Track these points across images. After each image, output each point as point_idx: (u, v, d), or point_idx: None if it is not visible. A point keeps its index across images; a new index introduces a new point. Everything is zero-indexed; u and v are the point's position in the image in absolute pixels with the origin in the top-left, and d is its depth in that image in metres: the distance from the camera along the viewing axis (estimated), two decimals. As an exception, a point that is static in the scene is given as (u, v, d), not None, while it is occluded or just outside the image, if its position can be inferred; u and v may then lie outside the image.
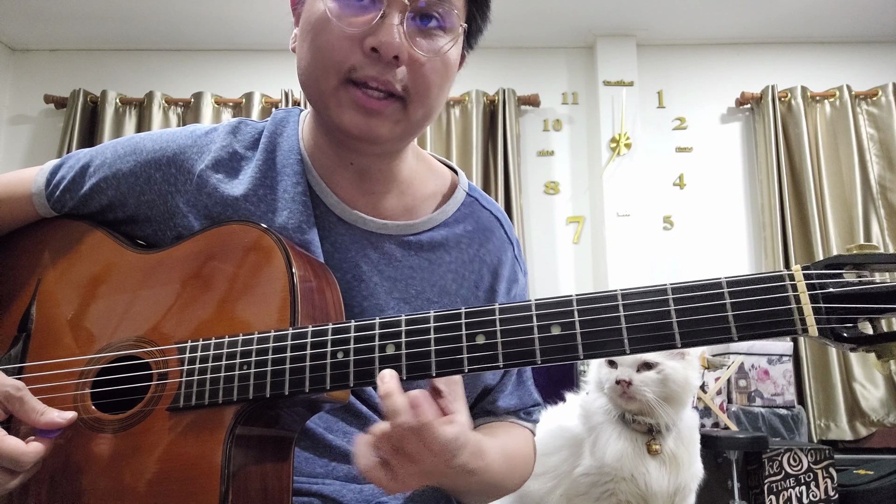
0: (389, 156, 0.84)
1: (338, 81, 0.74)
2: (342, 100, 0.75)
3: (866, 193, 3.54)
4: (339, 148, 0.82)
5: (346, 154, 0.83)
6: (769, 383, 3.00)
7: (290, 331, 0.66)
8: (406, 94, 0.75)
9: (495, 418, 0.90)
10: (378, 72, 0.73)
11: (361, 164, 0.84)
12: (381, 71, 0.73)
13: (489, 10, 0.83)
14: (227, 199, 0.81)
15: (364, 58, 0.73)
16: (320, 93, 0.76)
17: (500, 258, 0.90)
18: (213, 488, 0.63)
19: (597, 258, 3.66)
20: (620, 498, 1.39)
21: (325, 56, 0.74)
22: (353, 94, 0.74)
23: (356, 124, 0.75)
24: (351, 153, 0.82)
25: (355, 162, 0.83)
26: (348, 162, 0.84)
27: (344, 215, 0.84)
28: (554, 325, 0.59)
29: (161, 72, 3.87)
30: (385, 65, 0.73)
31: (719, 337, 0.56)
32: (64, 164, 0.87)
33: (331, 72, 0.74)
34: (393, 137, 0.78)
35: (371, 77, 0.73)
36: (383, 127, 0.76)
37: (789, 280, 0.55)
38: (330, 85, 0.75)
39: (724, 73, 3.84)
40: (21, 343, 0.79)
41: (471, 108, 3.71)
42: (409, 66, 0.74)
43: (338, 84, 0.74)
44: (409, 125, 0.78)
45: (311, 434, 0.78)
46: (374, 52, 0.72)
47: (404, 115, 0.77)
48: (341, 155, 0.83)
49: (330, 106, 0.76)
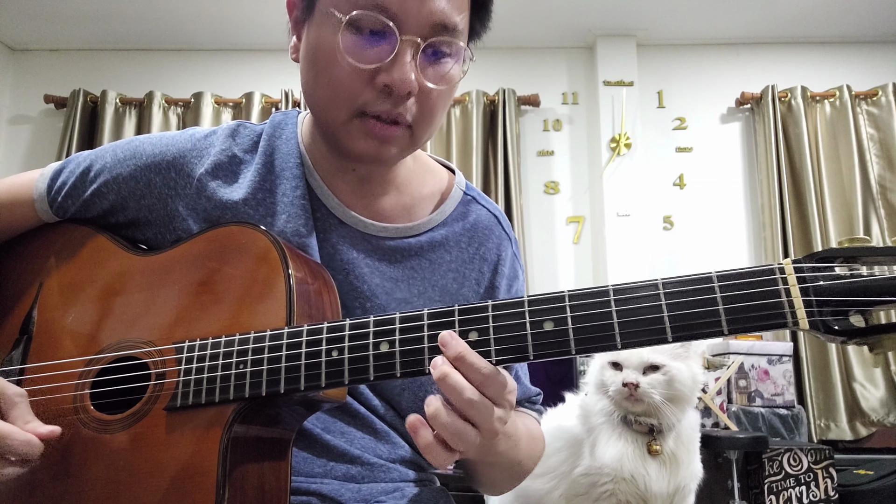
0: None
1: (348, 115, 0.75)
2: (353, 131, 0.76)
3: (866, 193, 3.54)
4: (342, 160, 0.84)
5: (348, 163, 0.84)
6: (769, 383, 3.00)
7: (286, 330, 0.66)
8: (414, 123, 0.76)
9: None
10: (391, 106, 0.74)
11: (363, 171, 0.85)
12: (394, 105, 0.74)
13: (489, 20, 0.84)
14: (226, 204, 0.82)
15: (376, 94, 0.73)
16: (330, 123, 0.77)
17: (501, 255, 0.90)
18: (210, 486, 0.64)
19: (597, 258, 3.66)
20: (620, 498, 1.39)
21: (336, 91, 0.74)
22: (367, 126, 0.75)
23: (368, 151, 0.77)
24: (354, 163, 0.84)
25: (358, 168, 0.85)
26: (350, 168, 0.85)
27: (344, 217, 0.84)
28: (546, 321, 0.59)
29: (161, 72, 3.88)
30: (398, 99, 0.73)
31: (710, 330, 0.56)
32: (64, 169, 0.87)
33: (342, 106, 0.75)
34: (401, 158, 0.81)
35: (384, 112, 0.74)
36: (393, 150, 0.78)
37: (780, 273, 0.55)
38: (341, 118, 0.76)
39: (724, 73, 3.84)
40: (22, 345, 0.80)
41: (471, 108, 3.71)
42: (417, 96, 0.75)
43: (350, 116, 0.75)
44: (414, 146, 0.80)
45: (308, 434, 0.79)
46: (387, 87, 0.72)
47: (412, 140, 0.78)
48: (343, 164, 0.84)
49: (340, 136, 0.77)
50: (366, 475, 0.80)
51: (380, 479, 0.81)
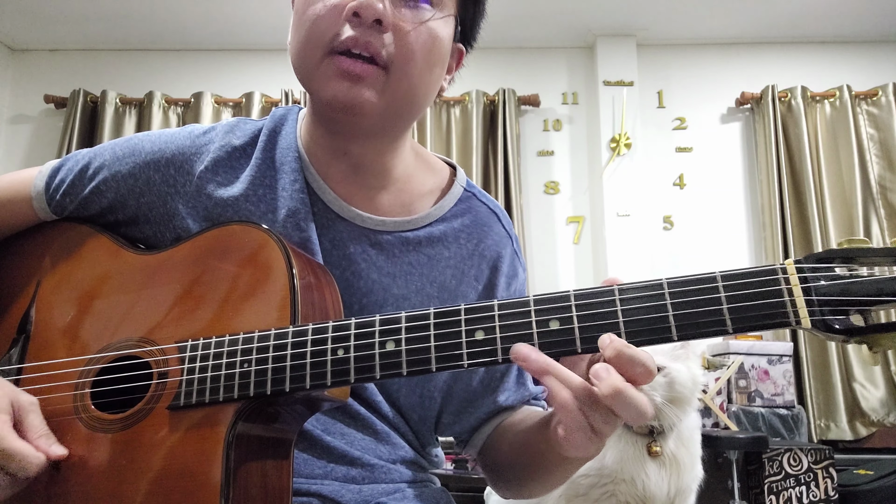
0: (381, 145, 0.84)
1: (322, 53, 0.74)
2: (327, 71, 0.75)
3: (866, 193, 3.55)
4: (333, 136, 0.82)
5: (340, 142, 0.82)
6: (769, 383, 3.01)
7: (291, 329, 0.66)
8: (390, 63, 0.75)
9: (510, 412, 0.89)
10: (360, 34, 0.73)
11: (355, 155, 0.83)
12: (363, 33, 0.73)
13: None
14: (226, 201, 0.81)
15: (347, 24, 0.73)
16: (307, 70, 0.77)
17: (500, 253, 0.89)
18: (214, 485, 0.63)
19: (597, 258, 3.66)
20: (620, 499, 1.39)
21: (311, 29, 0.75)
22: (336, 62, 0.74)
23: (340, 91, 0.74)
24: (344, 139, 0.82)
25: (349, 151, 0.83)
26: (342, 152, 0.83)
27: (342, 212, 0.83)
28: (552, 320, 0.60)
29: (161, 72, 3.88)
30: (367, 28, 0.73)
31: (715, 329, 0.56)
32: (63, 167, 0.87)
33: (317, 45, 0.74)
34: (377, 109, 0.76)
35: (352, 39, 0.73)
36: (366, 93, 0.74)
37: (782, 273, 0.56)
38: (315, 58, 0.75)
39: (724, 73, 3.84)
40: (20, 345, 0.79)
41: (471, 108, 3.71)
42: (394, 34, 0.74)
43: (323, 55, 0.74)
44: (392, 98, 0.76)
45: (308, 436, 0.78)
46: (356, 16, 0.72)
47: (387, 85, 0.75)
48: (335, 144, 0.83)
49: (315, 79, 0.76)
50: (366, 476, 0.80)
51: (380, 479, 0.80)
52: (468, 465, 2.54)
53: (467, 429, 0.89)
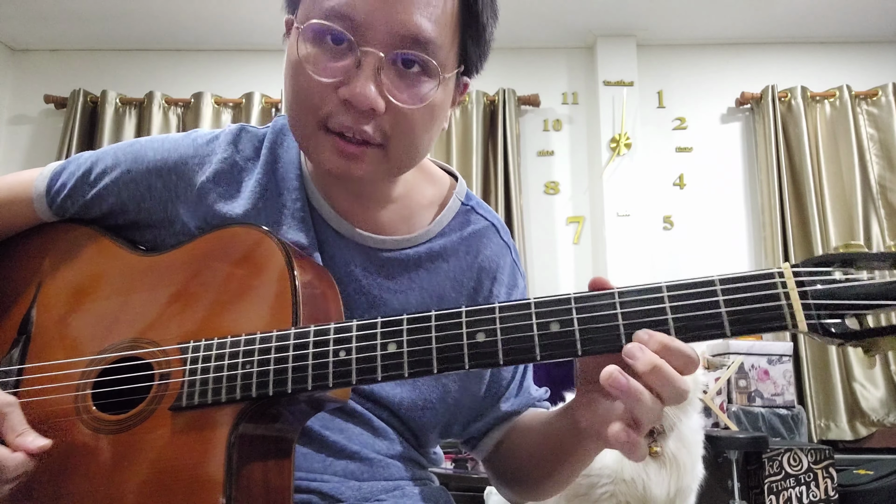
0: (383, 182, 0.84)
1: (315, 126, 0.73)
2: (320, 143, 0.73)
3: (866, 193, 3.55)
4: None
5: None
6: (769, 383, 3.01)
7: (293, 330, 0.67)
8: (386, 142, 0.73)
9: (516, 417, 0.90)
10: (353, 121, 0.70)
11: (353, 187, 0.84)
12: (356, 120, 0.71)
13: (486, 36, 0.81)
14: (226, 217, 0.81)
15: (338, 107, 0.71)
16: (301, 134, 0.76)
17: (499, 263, 0.90)
18: (217, 485, 0.64)
19: (597, 258, 3.67)
20: (620, 499, 1.40)
21: (302, 100, 0.72)
22: (331, 140, 0.72)
23: (336, 166, 0.73)
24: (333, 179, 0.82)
25: (347, 184, 0.83)
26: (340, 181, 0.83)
27: (341, 229, 0.84)
28: (553, 323, 0.60)
29: (161, 72, 3.88)
30: (360, 114, 0.70)
31: (713, 332, 0.57)
32: (65, 170, 0.87)
33: (308, 116, 0.73)
34: (376, 178, 0.76)
35: (346, 126, 0.71)
36: (363, 170, 0.74)
37: (779, 277, 0.57)
38: (309, 128, 0.73)
39: (724, 73, 3.84)
40: (21, 346, 0.79)
41: (471, 108, 3.72)
42: (389, 113, 0.71)
43: (315, 128, 0.73)
44: (391, 166, 0.76)
45: (307, 431, 0.79)
46: (347, 101, 0.70)
47: (385, 159, 0.75)
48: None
49: (310, 148, 0.75)
50: (365, 471, 0.80)
51: (379, 476, 0.81)
52: (468, 465, 2.55)
53: (475, 434, 0.91)
